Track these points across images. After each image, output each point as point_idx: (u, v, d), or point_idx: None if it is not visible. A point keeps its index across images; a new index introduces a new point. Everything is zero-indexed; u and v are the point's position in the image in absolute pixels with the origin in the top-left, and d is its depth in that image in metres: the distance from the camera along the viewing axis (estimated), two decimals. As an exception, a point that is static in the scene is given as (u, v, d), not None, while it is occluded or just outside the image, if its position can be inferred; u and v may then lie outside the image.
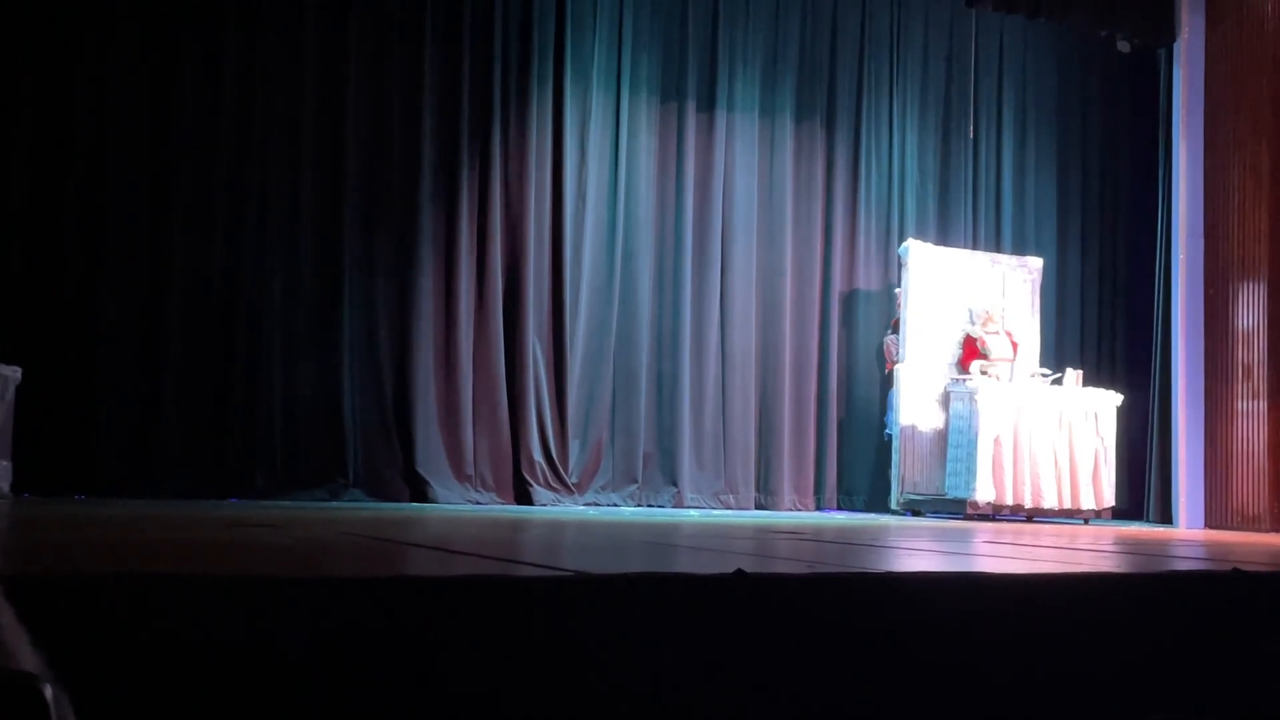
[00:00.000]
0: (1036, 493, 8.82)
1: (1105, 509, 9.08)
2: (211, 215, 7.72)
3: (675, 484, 9.02)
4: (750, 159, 9.52)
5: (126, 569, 2.47)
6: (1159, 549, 5.33)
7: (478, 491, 8.31)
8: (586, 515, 7.31)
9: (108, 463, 7.29)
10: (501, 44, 8.66)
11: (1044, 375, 9.31)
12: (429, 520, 5.81)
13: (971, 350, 9.40)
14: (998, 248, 10.29)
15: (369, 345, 8.13)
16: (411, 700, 2.13)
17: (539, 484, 8.45)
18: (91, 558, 2.90)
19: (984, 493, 8.63)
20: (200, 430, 7.57)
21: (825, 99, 9.87)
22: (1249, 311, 9.36)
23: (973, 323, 9.55)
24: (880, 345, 9.80)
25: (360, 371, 8.09)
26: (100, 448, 7.30)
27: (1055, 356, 10.03)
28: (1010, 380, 9.07)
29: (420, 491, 8.06)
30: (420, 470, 8.11)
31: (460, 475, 8.27)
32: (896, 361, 9.49)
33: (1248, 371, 9.33)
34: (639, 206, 9.09)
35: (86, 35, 7.46)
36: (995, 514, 8.69)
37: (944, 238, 10.02)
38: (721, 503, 9.12)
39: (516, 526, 5.46)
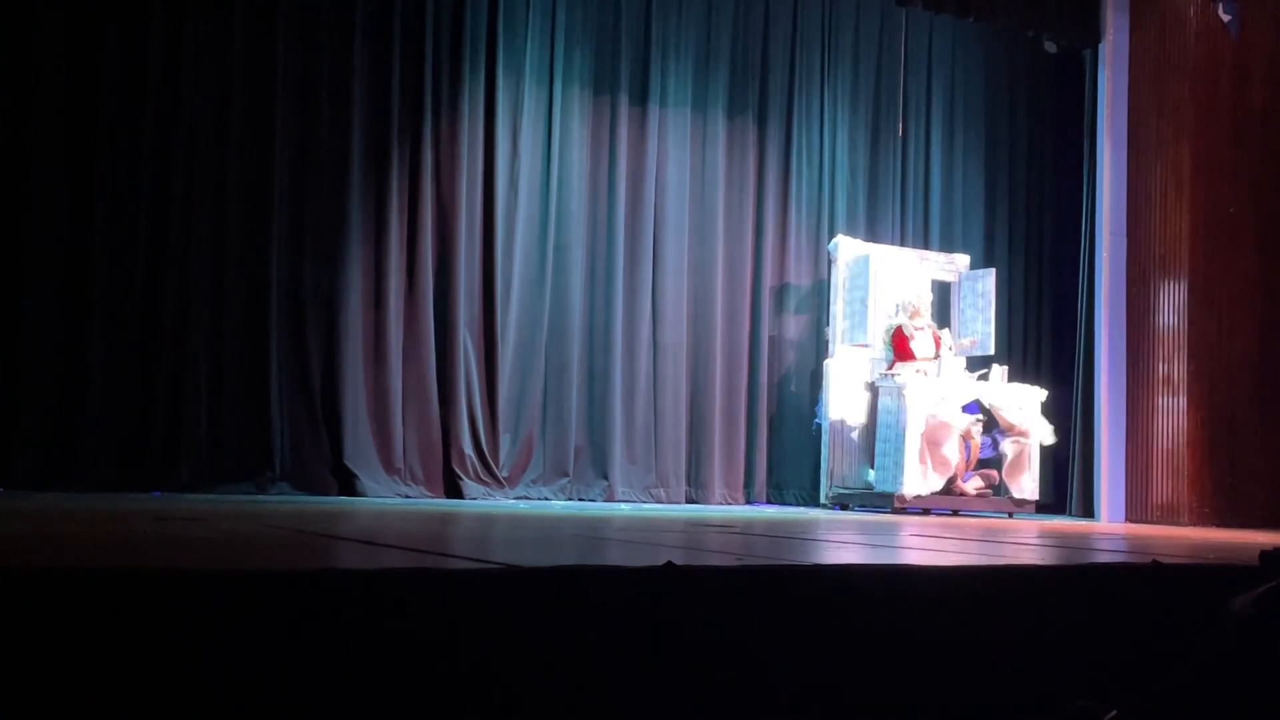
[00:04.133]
0: (962, 487, 8.94)
1: (1029, 503, 9.21)
2: (136, 203, 7.57)
3: (606, 478, 9.02)
4: (682, 153, 9.53)
5: (45, 563, 2.42)
6: (1081, 542, 5.42)
7: (407, 485, 8.25)
8: (517, 509, 7.29)
9: (27, 454, 7.12)
10: (433, 34, 8.59)
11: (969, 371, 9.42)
12: (357, 514, 5.76)
13: (903, 342, 9.43)
14: (925, 244, 10.40)
15: (296, 337, 8.03)
16: (339, 694, 2.11)
17: (469, 477, 8.40)
18: (8, 551, 2.84)
19: (911, 486, 8.72)
20: (123, 422, 7.43)
21: (757, 95, 9.91)
22: (1170, 310, 9.54)
23: (902, 317, 9.60)
24: (823, 335, 9.82)
25: (288, 363, 7.99)
26: (19, 439, 7.14)
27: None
28: (938, 376, 9.16)
29: (349, 485, 7.97)
30: (349, 463, 8.03)
31: (389, 469, 8.20)
32: (829, 355, 9.55)
33: (1168, 369, 9.52)
34: (571, 199, 9.07)
35: (9, 21, 7.27)
36: (922, 508, 8.78)
37: (873, 234, 10.10)
38: (652, 496, 9.12)
39: (446, 520, 5.43)
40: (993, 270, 10.00)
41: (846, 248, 9.60)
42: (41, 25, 7.35)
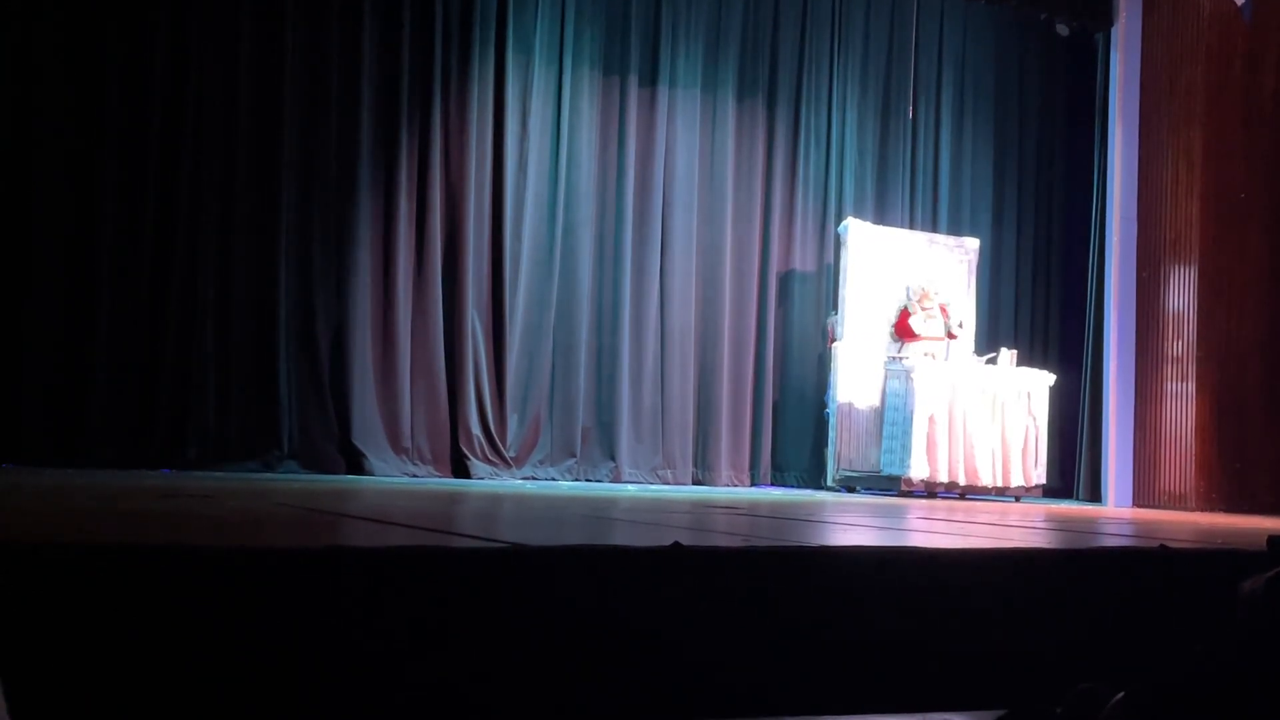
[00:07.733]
0: (970, 470, 8.92)
1: (1036, 487, 9.20)
2: (144, 181, 7.57)
3: (613, 459, 9.03)
4: (691, 135, 9.51)
5: (53, 538, 2.43)
6: (1089, 526, 5.41)
7: (414, 464, 8.26)
8: (524, 489, 7.30)
9: (35, 431, 7.15)
10: (443, 14, 8.57)
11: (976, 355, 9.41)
12: (365, 492, 5.77)
13: (903, 320, 9.44)
14: (934, 228, 10.37)
15: (305, 316, 8.04)
16: (347, 671, 2.11)
17: (476, 457, 8.42)
18: (17, 526, 2.84)
19: (918, 470, 8.72)
20: (131, 399, 7.44)
21: (767, 77, 9.88)
22: (1179, 295, 9.52)
23: (909, 299, 9.60)
24: (825, 325, 9.84)
25: (296, 342, 7.99)
26: (28, 416, 7.16)
27: (989, 336, 10.14)
28: (946, 359, 9.15)
29: (356, 464, 7.99)
30: (356, 442, 8.04)
31: (397, 448, 8.22)
32: (835, 340, 9.54)
33: (1177, 354, 9.50)
34: (580, 180, 9.06)
35: (12, 13, 7.24)
36: (929, 491, 8.78)
37: (881, 217, 10.07)
38: (659, 478, 9.13)
39: (453, 499, 5.44)
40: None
41: (856, 230, 9.57)
42: (47, 5, 7.34)
